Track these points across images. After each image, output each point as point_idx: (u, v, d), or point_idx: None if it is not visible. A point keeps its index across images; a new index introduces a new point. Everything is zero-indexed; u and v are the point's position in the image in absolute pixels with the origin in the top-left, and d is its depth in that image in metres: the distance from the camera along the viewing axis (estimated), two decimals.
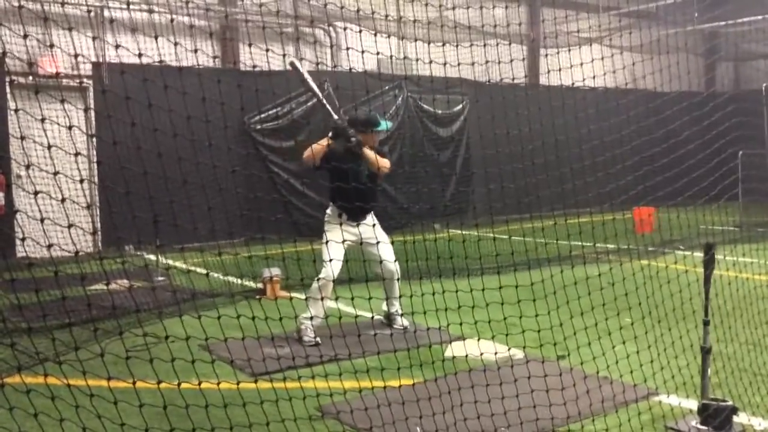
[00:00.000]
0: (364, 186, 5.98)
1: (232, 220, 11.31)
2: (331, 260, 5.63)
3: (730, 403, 4.03)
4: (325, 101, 5.98)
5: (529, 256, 7.50)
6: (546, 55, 15.21)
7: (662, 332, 4.83)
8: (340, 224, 5.80)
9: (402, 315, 6.40)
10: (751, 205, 13.28)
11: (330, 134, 5.87)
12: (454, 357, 5.06)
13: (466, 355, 4.51)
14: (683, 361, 4.67)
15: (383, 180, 6.55)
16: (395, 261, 6.15)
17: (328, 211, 6.19)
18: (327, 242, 5.40)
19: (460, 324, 4.35)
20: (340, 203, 5.99)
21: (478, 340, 4.56)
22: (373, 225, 6.08)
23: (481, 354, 4.63)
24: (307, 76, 5.89)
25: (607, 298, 4.55)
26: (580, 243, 7.07)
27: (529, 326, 4.24)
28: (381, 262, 5.80)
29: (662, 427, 4.13)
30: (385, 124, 6.33)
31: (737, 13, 15.77)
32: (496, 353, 4.68)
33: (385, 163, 6.09)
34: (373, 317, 5.57)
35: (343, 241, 5.63)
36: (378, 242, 5.84)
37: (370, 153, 5.93)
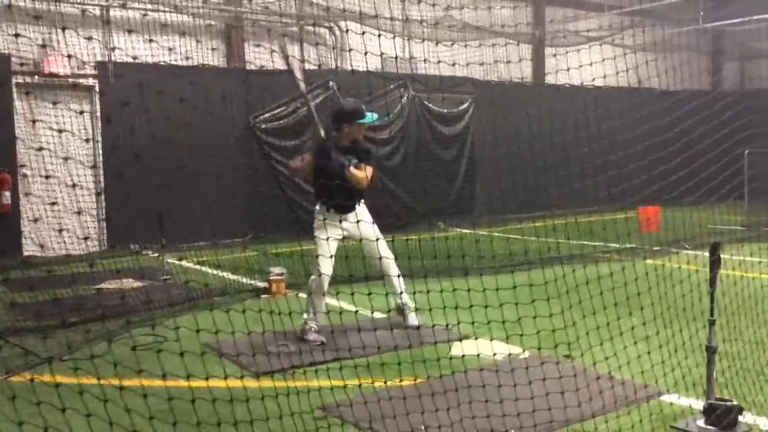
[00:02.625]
0: (347, 183, 5.91)
1: (236, 219, 11.33)
2: (331, 257, 5.68)
3: (736, 403, 4.02)
4: (315, 113, 6.14)
5: (538, 255, 7.49)
6: (552, 55, 15.19)
7: (671, 332, 4.81)
8: (323, 220, 5.91)
9: (416, 311, 6.28)
10: (757, 204, 13.23)
11: (314, 152, 6.06)
12: (464, 356, 5.06)
13: (479, 354, 4.50)
14: (691, 361, 4.65)
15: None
16: (380, 258, 6.05)
17: (317, 207, 6.19)
18: (327, 239, 5.47)
19: (473, 323, 4.34)
20: (325, 199, 6.01)
21: (491, 339, 4.55)
22: (357, 221, 5.92)
23: (494, 354, 4.62)
24: (300, 80, 5.99)
25: (617, 298, 4.54)
26: (588, 242, 7.05)
27: (541, 326, 4.23)
28: (364, 258, 5.78)
29: (668, 428, 4.12)
30: (370, 117, 6.30)
31: (743, 11, 15.72)
32: (510, 354, 4.67)
33: (369, 174, 6.04)
34: (373, 315, 5.57)
35: (327, 238, 5.65)
36: (361, 239, 5.87)
37: (354, 174, 5.92)
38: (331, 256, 5.78)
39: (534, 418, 3.96)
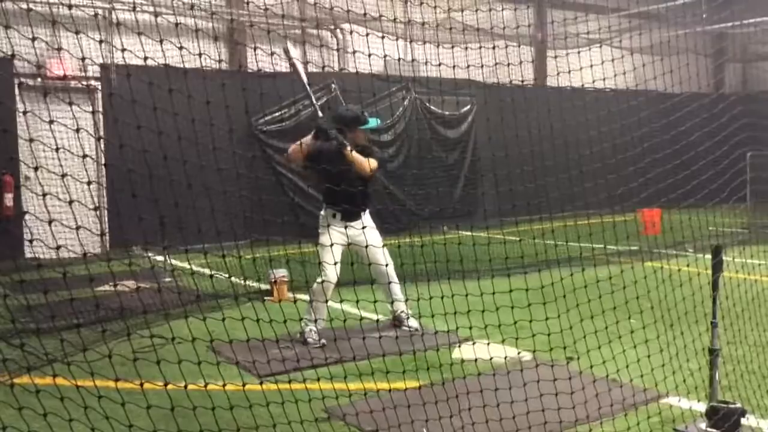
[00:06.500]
0: (354, 188, 5.76)
1: (238, 222, 11.31)
2: (336, 263, 5.65)
3: (738, 405, 4.01)
4: (313, 97, 6.16)
5: (539, 258, 7.47)
6: (554, 57, 15.18)
7: (672, 335, 4.81)
8: (327, 226, 5.87)
9: (410, 317, 6.36)
10: (759, 206, 13.22)
11: (313, 133, 5.88)
12: (462, 360, 5.05)
13: (476, 359, 4.49)
14: (692, 363, 4.64)
15: (373, 181, 6.42)
16: (387, 264, 5.99)
17: (322, 212, 6.16)
18: (331, 245, 5.43)
19: (470, 327, 4.34)
20: (330, 205, 5.98)
21: (488, 343, 4.54)
22: (363, 227, 5.76)
23: (491, 357, 4.60)
24: (299, 67, 6.03)
25: (616, 301, 4.53)
26: (589, 245, 7.03)
27: (539, 329, 4.22)
28: (369, 265, 5.65)
29: (671, 431, 4.11)
30: (373, 122, 6.29)
31: (745, 14, 15.72)
32: (506, 357, 4.66)
33: (371, 164, 5.92)
34: (378, 320, 5.56)
35: (332, 245, 5.57)
36: (367, 246, 5.81)
37: (354, 156, 5.79)
38: (335, 263, 5.73)
39: (537, 422, 3.95)
